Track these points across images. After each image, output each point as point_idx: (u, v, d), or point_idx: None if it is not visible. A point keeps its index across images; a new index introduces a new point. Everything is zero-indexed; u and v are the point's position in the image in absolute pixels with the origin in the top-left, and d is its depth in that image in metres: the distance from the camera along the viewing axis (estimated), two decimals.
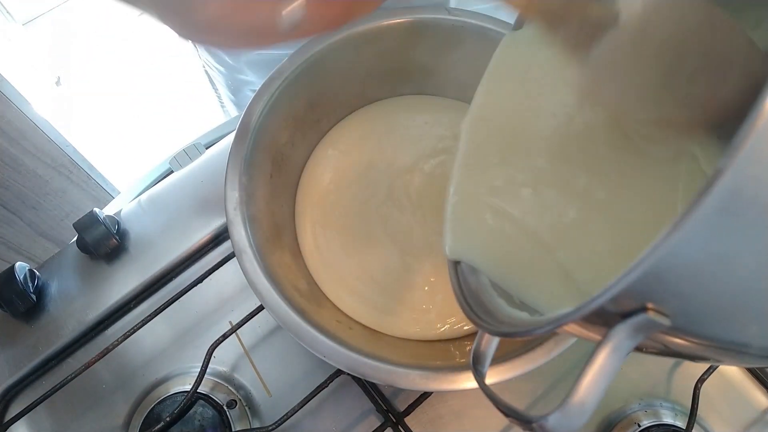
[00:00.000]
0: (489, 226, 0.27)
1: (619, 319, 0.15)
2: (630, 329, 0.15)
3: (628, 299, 0.14)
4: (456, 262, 0.28)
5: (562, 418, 0.16)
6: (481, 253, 0.27)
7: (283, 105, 0.38)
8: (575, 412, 0.16)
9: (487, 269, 0.27)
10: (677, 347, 0.18)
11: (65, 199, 0.93)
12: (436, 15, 0.39)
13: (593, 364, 0.15)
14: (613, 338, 0.15)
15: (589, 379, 0.16)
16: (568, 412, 0.16)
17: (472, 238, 0.27)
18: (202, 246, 0.46)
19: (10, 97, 0.79)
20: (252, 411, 0.41)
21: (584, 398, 0.16)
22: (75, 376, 0.40)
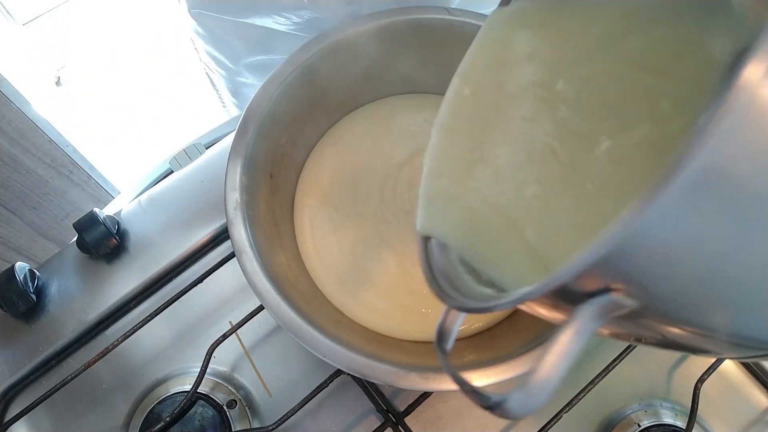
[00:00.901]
0: (459, 203, 0.27)
1: (583, 299, 0.15)
2: (594, 310, 0.15)
3: (592, 279, 0.14)
4: (426, 238, 0.27)
5: (522, 398, 0.16)
6: (451, 229, 0.27)
7: (283, 105, 0.38)
8: (536, 392, 0.16)
9: (457, 245, 0.26)
10: (642, 332, 0.17)
11: (65, 199, 0.93)
12: (436, 15, 0.39)
13: (555, 344, 0.15)
14: (577, 319, 0.15)
15: (551, 359, 0.15)
16: (529, 391, 0.16)
17: (443, 214, 0.27)
18: (202, 246, 0.46)
19: (10, 97, 0.79)
20: (252, 411, 0.41)
21: (545, 378, 0.15)
22: (75, 376, 0.40)
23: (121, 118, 1.49)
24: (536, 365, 0.15)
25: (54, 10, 1.65)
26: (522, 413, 0.16)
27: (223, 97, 0.70)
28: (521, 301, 0.16)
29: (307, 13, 0.45)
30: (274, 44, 0.52)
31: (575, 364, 0.15)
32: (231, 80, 0.62)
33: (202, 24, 0.55)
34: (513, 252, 0.24)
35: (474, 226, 0.26)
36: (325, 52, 0.39)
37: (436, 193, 0.28)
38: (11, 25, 1.41)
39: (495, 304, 0.18)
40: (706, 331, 0.16)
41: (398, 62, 0.43)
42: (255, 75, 0.59)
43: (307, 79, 0.39)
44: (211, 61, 0.62)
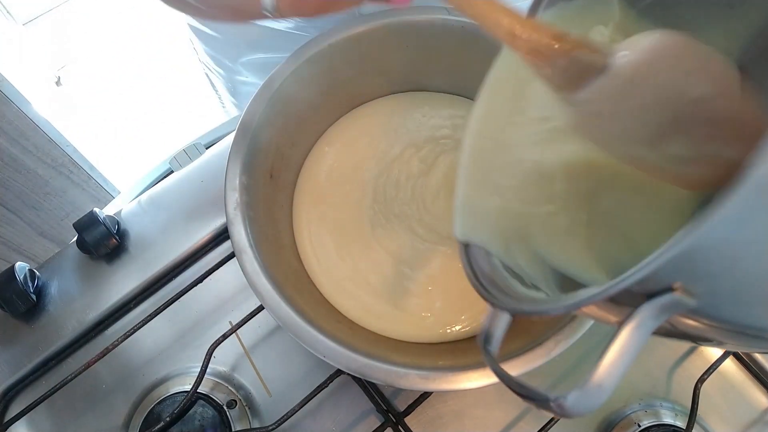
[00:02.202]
0: (498, 206, 0.27)
1: (643, 299, 0.15)
2: (655, 309, 0.15)
3: (658, 279, 0.14)
4: (466, 245, 0.28)
5: (581, 396, 0.16)
6: (490, 234, 0.27)
7: (282, 105, 0.38)
8: (595, 392, 0.16)
9: (498, 249, 0.26)
10: (693, 329, 0.18)
11: (65, 198, 0.93)
12: (436, 15, 0.39)
13: (616, 343, 0.15)
14: (637, 318, 0.15)
15: (610, 358, 0.15)
16: (588, 391, 0.16)
17: (481, 220, 0.27)
18: (202, 246, 0.46)
19: (11, 97, 0.79)
20: (252, 411, 0.41)
21: (605, 377, 0.15)
22: (75, 376, 0.40)
23: (121, 118, 1.49)
24: (596, 366, 0.16)
25: (54, 10, 1.65)
26: (580, 412, 0.16)
27: (222, 97, 0.70)
28: (586, 303, 0.16)
29: None
30: (273, 43, 0.52)
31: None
32: (230, 79, 0.62)
33: (200, 23, 0.55)
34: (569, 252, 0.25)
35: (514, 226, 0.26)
36: (325, 52, 0.39)
37: (472, 200, 0.28)
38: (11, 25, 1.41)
39: (553, 308, 0.18)
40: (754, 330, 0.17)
41: (398, 61, 0.43)
42: (254, 74, 0.59)
43: (306, 79, 0.39)
44: (210, 61, 0.61)
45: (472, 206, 0.28)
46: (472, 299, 0.38)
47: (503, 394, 0.41)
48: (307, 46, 0.39)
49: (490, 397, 0.41)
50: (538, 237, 0.26)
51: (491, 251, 0.27)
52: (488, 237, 0.27)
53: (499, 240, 0.27)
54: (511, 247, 0.26)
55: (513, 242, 0.26)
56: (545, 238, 0.26)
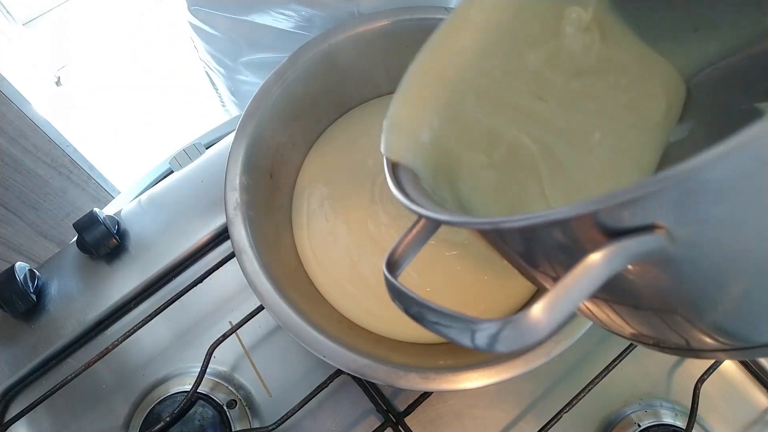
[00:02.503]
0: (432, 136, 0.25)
1: (619, 234, 0.13)
2: (630, 247, 0.13)
3: (646, 210, 0.12)
4: (395, 165, 0.25)
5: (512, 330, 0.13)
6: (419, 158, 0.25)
7: (282, 105, 0.38)
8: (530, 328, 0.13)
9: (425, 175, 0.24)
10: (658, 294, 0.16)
11: (65, 199, 0.93)
12: (436, 15, 0.39)
13: (574, 272, 0.13)
14: (612, 249, 0.13)
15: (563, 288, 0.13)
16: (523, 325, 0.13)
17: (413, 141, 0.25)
18: (202, 246, 0.46)
19: (10, 97, 0.79)
20: (252, 411, 0.41)
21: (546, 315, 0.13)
22: (75, 376, 0.40)
23: (121, 118, 1.49)
24: (544, 295, 0.13)
25: (54, 10, 1.65)
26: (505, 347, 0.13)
27: (223, 96, 0.70)
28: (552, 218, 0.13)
29: (307, 11, 0.45)
30: (274, 42, 0.52)
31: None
32: (230, 78, 0.62)
33: (201, 21, 0.55)
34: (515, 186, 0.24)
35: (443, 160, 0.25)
36: (325, 52, 0.39)
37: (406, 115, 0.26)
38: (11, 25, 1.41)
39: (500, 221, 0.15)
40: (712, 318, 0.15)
41: (398, 61, 0.42)
42: (254, 73, 0.59)
43: (306, 79, 0.39)
44: (210, 60, 0.62)
45: (407, 124, 0.26)
46: (472, 301, 0.38)
47: (503, 394, 0.41)
48: (307, 45, 0.39)
49: (490, 397, 0.41)
50: (463, 182, 0.25)
51: (419, 175, 0.24)
52: (417, 161, 0.25)
53: (428, 167, 0.25)
54: (439, 180, 0.25)
55: (441, 176, 0.25)
56: (470, 187, 0.25)
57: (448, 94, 0.26)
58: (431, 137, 0.25)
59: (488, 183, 0.25)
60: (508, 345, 0.13)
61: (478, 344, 0.14)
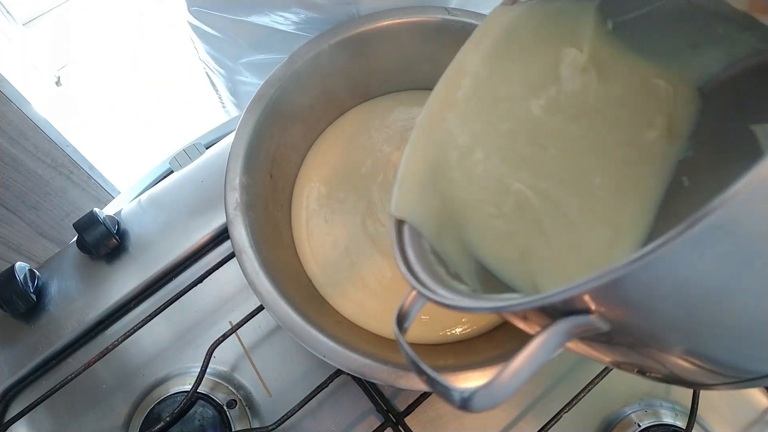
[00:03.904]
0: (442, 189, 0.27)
1: (560, 315, 0.16)
2: (568, 327, 0.16)
3: (580, 301, 0.15)
4: (399, 222, 0.27)
5: (484, 393, 0.17)
6: (427, 215, 0.27)
7: (282, 105, 0.38)
8: (498, 391, 0.16)
9: (431, 233, 0.26)
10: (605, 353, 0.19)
11: (65, 198, 0.93)
12: (436, 15, 0.39)
13: (526, 349, 0.16)
14: (551, 331, 0.16)
15: (519, 362, 0.16)
16: (492, 389, 0.16)
17: (420, 199, 0.27)
18: (202, 246, 0.46)
19: (10, 97, 0.79)
20: (252, 411, 0.41)
21: (510, 379, 0.16)
22: (75, 376, 0.40)
23: (121, 118, 1.49)
24: (505, 366, 0.17)
25: (54, 10, 1.65)
26: (482, 408, 0.17)
27: (223, 96, 0.70)
28: (502, 310, 0.17)
29: (306, 13, 0.45)
30: (274, 43, 0.52)
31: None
32: (230, 79, 0.62)
33: (201, 22, 0.55)
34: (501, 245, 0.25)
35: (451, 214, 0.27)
36: (324, 53, 0.39)
37: (415, 174, 0.28)
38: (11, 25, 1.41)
39: (474, 306, 0.19)
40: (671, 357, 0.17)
41: (398, 61, 0.43)
42: (254, 74, 0.59)
43: (306, 80, 0.39)
44: (210, 60, 0.62)
45: (415, 183, 0.28)
46: None
47: None
48: (307, 46, 0.39)
49: None
50: (473, 231, 0.26)
51: (423, 233, 0.26)
52: (423, 218, 0.27)
53: (433, 223, 0.27)
54: (443, 233, 0.27)
55: (446, 229, 0.27)
56: (480, 235, 0.26)
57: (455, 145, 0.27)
58: (440, 191, 0.27)
59: (497, 233, 0.26)
60: (480, 406, 0.17)
61: (457, 405, 0.17)
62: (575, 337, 0.16)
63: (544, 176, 0.26)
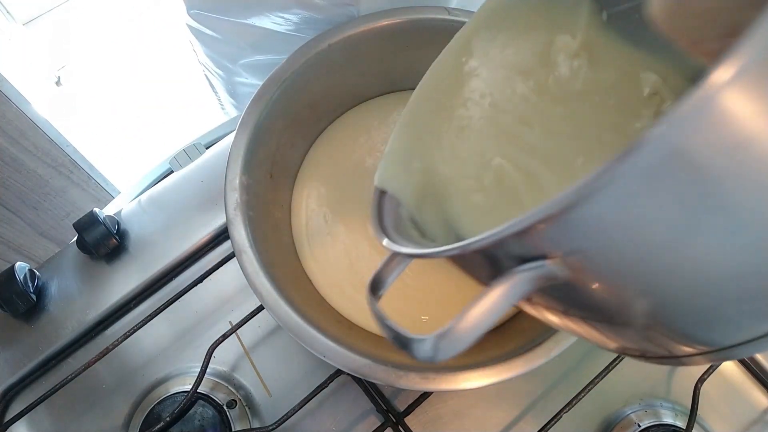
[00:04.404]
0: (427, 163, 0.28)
1: (518, 263, 0.15)
2: (528, 275, 0.15)
3: (532, 242, 0.14)
4: (382, 192, 0.28)
5: (441, 342, 0.16)
6: (407, 185, 0.28)
7: (282, 105, 0.38)
8: (455, 340, 0.16)
9: (410, 202, 0.27)
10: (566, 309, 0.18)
11: (65, 198, 0.93)
12: (436, 15, 0.39)
13: (484, 298, 0.16)
14: (509, 280, 0.15)
15: (477, 311, 0.16)
16: (449, 338, 0.16)
17: (403, 171, 0.28)
18: (202, 246, 0.46)
19: (11, 97, 0.79)
20: (252, 411, 0.41)
21: (467, 328, 0.16)
22: (75, 376, 0.40)
23: (121, 118, 1.49)
24: (460, 316, 0.16)
25: (54, 10, 1.65)
26: (434, 358, 0.16)
27: (222, 98, 0.70)
28: (459, 250, 0.16)
29: (305, 14, 0.45)
30: (273, 45, 0.52)
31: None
32: (229, 81, 0.62)
33: (200, 24, 0.55)
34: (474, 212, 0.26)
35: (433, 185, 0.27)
36: (324, 53, 0.39)
37: (401, 149, 0.29)
38: (11, 25, 1.41)
39: (434, 251, 0.18)
40: (625, 317, 0.16)
41: (398, 61, 0.43)
42: (253, 75, 0.59)
43: (306, 80, 0.39)
44: (209, 62, 0.62)
45: (401, 156, 0.29)
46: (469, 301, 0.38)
47: (503, 394, 0.41)
48: (306, 46, 0.39)
49: (490, 397, 0.41)
50: (453, 204, 0.27)
51: (403, 202, 0.27)
52: (405, 189, 0.28)
53: (413, 194, 0.27)
54: (424, 205, 0.27)
55: (427, 200, 0.27)
56: (460, 208, 0.27)
57: (441, 122, 0.28)
58: (423, 165, 0.28)
59: (477, 206, 0.26)
60: (443, 355, 0.16)
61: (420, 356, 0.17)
62: (534, 287, 0.15)
63: (526, 153, 0.26)
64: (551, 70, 0.27)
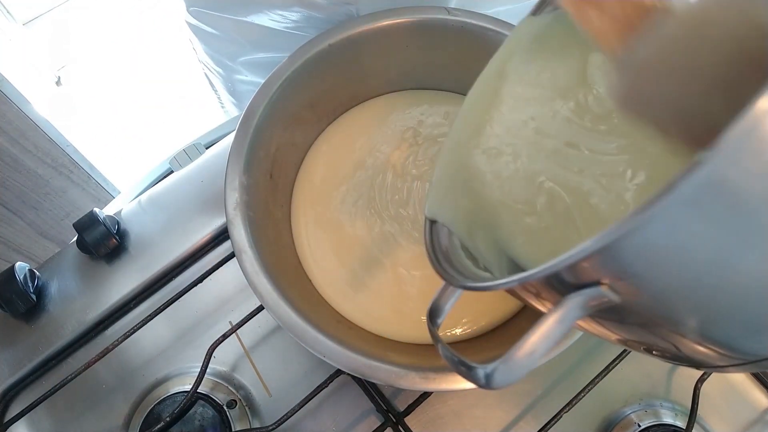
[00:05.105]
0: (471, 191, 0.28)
1: (572, 289, 0.16)
2: (581, 300, 0.16)
3: (586, 270, 0.15)
4: (432, 221, 0.29)
5: (503, 369, 0.17)
6: (457, 215, 0.28)
7: (282, 105, 0.38)
8: (515, 367, 0.17)
9: (460, 231, 0.28)
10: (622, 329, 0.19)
11: (65, 198, 0.93)
12: (436, 15, 0.39)
13: (542, 325, 0.16)
14: (564, 306, 0.16)
15: (535, 338, 0.16)
16: (510, 365, 0.17)
17: (451, 201, 0.29)
18: (202, 246, 0.46)
19: (11, 97, 0.79)
20: (252, 411, 0.41)
21: (527, 356, 0.17)
22: (75, 376, 0.40)
23: (121, 118, 1.49)
24: (520, 342, 0.17)
25: (54, 10, 1.65)
26: (500, 385, 0.17)
27: (222, 97, 0.70)
28: (517, 283, 0.17)
29: (305, 12, 0.45)
30: (273, 43, 0.52)
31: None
32: (229, 79, 0.62)
33: (200, 22, 0.55)
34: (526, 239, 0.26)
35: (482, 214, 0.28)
36: (324, 53, 0.39)
37: (446, 177, 0.29)
38: (11, 25, 1.41)
39: (491, 284, 0.19)
40: (679, 335, 0.17)
41: (397, 61, 0.43)
42: (253, 73, 0.59)
43: (306, 79, 0.39)
44: (209, 60, 0.61)
45: (449, 185, 0.29)
46: (472, 302, 0.38)
47: (503, 394, 0.41)
48: (306, 45, 0.39)
49: (490, 397, 0.41)
50: (504, 229, 0.27)
51: (453, 231, 0.28)
52: (455, 217, 0.28)
53: (464, 222, 0.28)
54: (474, 231, 0.28)
55: (478, 226, 0.28)
56: (512, 233, 0.27)
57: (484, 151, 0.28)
58: (471, 193, 0.28)
59: (530, 229, 0.27)
60: (501, 382, 0.17)
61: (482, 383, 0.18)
62: (588, 312, 0.16)
63: (575, 173, 0.26)
64: (590, 89, 0.27)
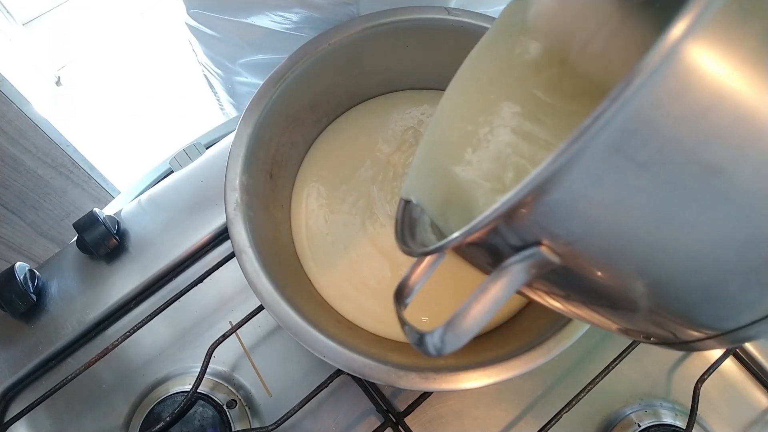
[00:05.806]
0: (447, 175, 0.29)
1: (512, 252, 0.15)
2: (522, 264, 0.15)
3: (523, 227, 0.14)
4: (407, 201, 0.30)
5: (446, 334, 0.17)
6: (431, 196, 0.29)
7: (282, 105, 0.38)
8: (459, 332, 0.17)
9: (434, 211, 0.28)
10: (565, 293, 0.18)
11: (65, 198, 0.93)
12: (436, 15, 0.39)
13: (485, 291, 0.16)
14: (505, 270, 0.16)
15: (477, 305, 0.16)
16: (454, 330, 0.17)
17: (428, 182, 0.29)
18: (202, 246, 0.46)
19: (11, 97, 0.79)
20: (252, 411, 0.41)
21: (471, 321, 0.17)
22: (75, 376, 0.40)
23: (121, 118, 1.49)
24: (462, 309, 0.17)
25: (54, 10, 1.65)
26: (440, 352, 0.17)
27: (221, 98, 0.70)
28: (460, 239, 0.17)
29: (305, 13, 0.45)
30: (272, 44, 0.52)
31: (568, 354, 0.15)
32: (229, 80, 0.62)
33: (200, 23, 0.55)
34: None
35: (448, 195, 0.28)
36: (324, 53, 0.39)
37: (425, 160, 0.30)
38: (11, 25, 1.41)
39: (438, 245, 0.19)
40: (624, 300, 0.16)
41: (397, 61, 0.43)
42: (253, 74, 0.59)
43: (306, 79, 0.39)
44: (209, 62, 0.61)
45: (423, 168, 0.30)
46: None
47: (503, 394, 0.41)
48: (306, 46, 0.39)
49: (490, 397, 0.41)
50: (477, 208, 0.27)
51: (426, 210, 0.28)
52: (427, 197, 0.29)
53: (437, 202, 0.28)
54: (448, 212, 0.28)
55: (451, 207, 0.28)
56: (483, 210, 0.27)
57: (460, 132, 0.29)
58: (446, 173, 0.28)
59: None
60: (450, 348, 0.17)
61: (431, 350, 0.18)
62: (532, 275, 0.15)
63: (541, 149, 0.26)
64: (565, 67, 0.27)
